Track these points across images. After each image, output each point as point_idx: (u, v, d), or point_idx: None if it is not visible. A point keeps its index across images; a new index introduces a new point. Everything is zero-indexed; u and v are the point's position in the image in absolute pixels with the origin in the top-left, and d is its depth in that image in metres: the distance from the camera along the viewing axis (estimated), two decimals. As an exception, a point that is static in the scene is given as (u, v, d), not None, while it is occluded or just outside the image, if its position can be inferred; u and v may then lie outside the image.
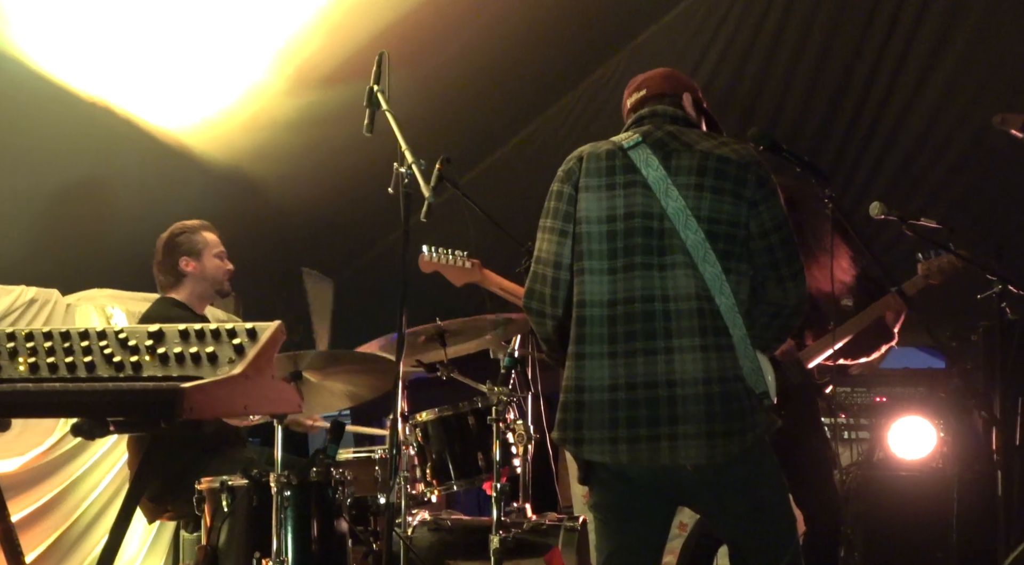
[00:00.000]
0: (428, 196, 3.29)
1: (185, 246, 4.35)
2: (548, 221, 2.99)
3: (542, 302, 2.98)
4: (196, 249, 4.35)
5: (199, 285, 4.36)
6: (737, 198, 2.83)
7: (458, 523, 4.12)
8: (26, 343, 2.40)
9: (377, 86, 3.58)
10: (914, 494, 4.89)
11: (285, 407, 2.45)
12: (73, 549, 4.66)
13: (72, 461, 4.68)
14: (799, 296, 2.90)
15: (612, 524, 2.94)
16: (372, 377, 3.90)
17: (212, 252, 4.39)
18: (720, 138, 2.94)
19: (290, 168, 5.57)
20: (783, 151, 3.31)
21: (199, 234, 4.39)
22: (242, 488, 3.58)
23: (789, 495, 2.97)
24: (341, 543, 3.70)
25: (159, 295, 4.40)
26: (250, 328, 2.36)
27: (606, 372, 2.81)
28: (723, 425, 2.73)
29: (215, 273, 4.39)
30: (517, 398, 4.07)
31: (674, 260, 2.82)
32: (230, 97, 4.88)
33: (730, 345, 2.78)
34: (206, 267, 4.36)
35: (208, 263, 4.37)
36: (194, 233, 4.38)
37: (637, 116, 3.06)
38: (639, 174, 2.88)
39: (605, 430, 2.79)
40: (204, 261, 4.36)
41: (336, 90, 5.03)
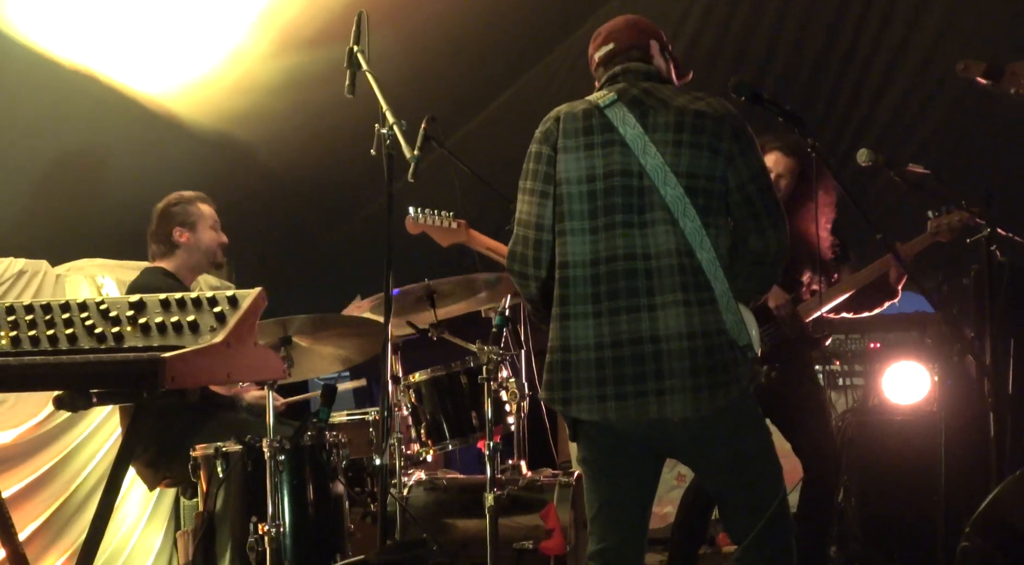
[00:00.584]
0: (410, 157, 3.28)
1: (180, 216, 4.34)
2: (528, 183, 2.99)
3: (524, 264, 3.00)
4: (191, 220, 4.34)
5: (192, 256, 4.35)
6: (714, 152, 2.84)
7: (453, 482, 4.15)
8: (7, 317, 2.38)
9: (357, 47, 3.56)
10: (909, 439, 4.90)
11: (269, 373, 2.45)
12: (70, 521, 4.68)
13: (68, 432, 4.69)
14: (779, 244, 2.91)
15: (600, 478, 2.97)
16: (362, 340, 3.91)
17: (207, 224, 4.38)
18: (694, 93, 2.94)
19: (277, 131, 5.54)
20: (764, 101, 3.29)
21: (195, 205, 4.37)
22: (236, 454, 3.61)
23: (774, 447, 2.98)
24: (337, 505, 3.74)
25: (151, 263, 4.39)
26: (231, 295, 2.35)
27: (591, 331, 2.83)
28: (707, 378, 2.75)
29: (209, 245, 4.38)
30: (509, 356, 4.08)
31: (654, 217, 2.83)
32: (214, 61, 4.84)
33: (712, 299, 2.80)
34: (200, 239, 4.35)
35: (203, 235, 4.36)
36: (190, 204, 4.36)
37: (611, 74, 3.05)
38: (616, 133, 2.88)
39: (593, 388, 2.82)
40: (199, 233, 4.35)
41: (320, 51, 4.98)
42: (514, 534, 3.82)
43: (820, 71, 6.09)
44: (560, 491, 3.94)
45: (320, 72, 5.06)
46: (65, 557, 4.64)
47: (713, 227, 2.83)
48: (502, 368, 3.98)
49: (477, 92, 6.19)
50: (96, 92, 4.60)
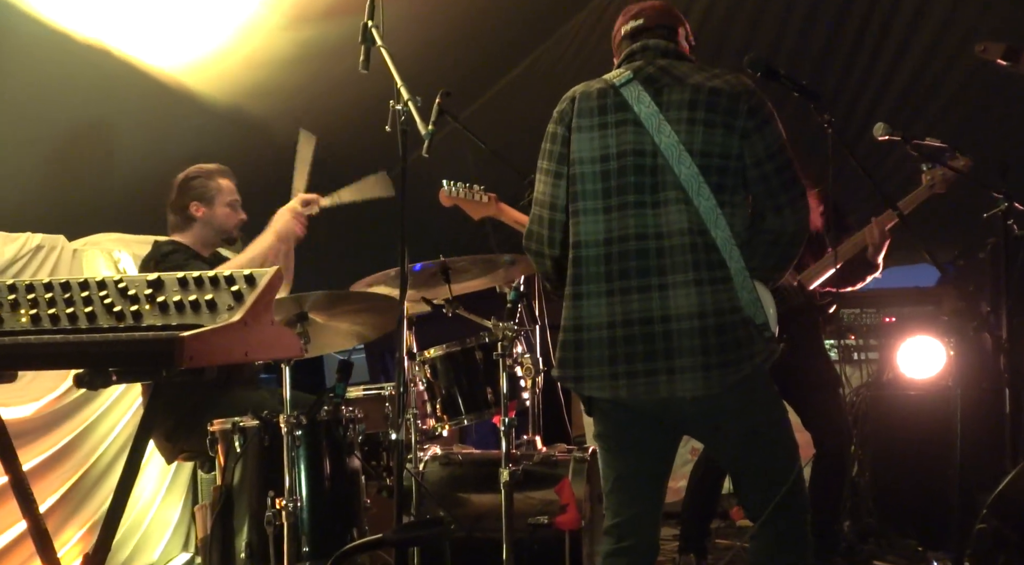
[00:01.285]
0: (424, 133, 3.27)
1: (198, 190, 4.33)
2: (544, 163, 3.02)
3: (540, 243, 3.04)
4: (208, 195, 4.33)
5: (205, 231, 4.35)
6: (729, 129, 2.83)
7: (468, 457, 4.17)
8: (27, 294, 2.40)
9: (371, 21, 3.54)
10: (924, 413, 4.91)
11: (285, 352, 2.46)
12: (89, 495, 4.71)
13: (86, 406, 4.71)
14: (797, 223, 2.90)
15: (615, 452, 3.01)
16: (378, 316, 3.92)
17: (224, 200, 4.36)
18: (712, 70, 2.93)
19: (290, 104, 5.53)
20: (779, 76, 3.28)
21: (214, 180, 4.36)
22: (253, 429, 3.63)
23: (790, 426, 2.99)
24: (353, 479, 3.76)
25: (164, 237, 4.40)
26: (248, 274, 2.36)
27: (603, 310, 2.85)
28: (719, 357, 2.76)
29: (224, 222, 4.36)
30: (524, 331, 4.09)
31: (667, 196, 2.83)
32: (226, 34, 4.83)
33: (726, 277, 2.80)
34: (215, 215, 4.34)
35: (218, 211, 4.34)
36: (209, 178, 4.35)
37: (629, 51, 3.05)
38: (630, 112, 2.88)
39: (604, 366, 2.84)
40: (215, 208, 4.34)
41: (334, 24, 4.97)
42: (529, 509, 3.84)
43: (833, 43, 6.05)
44: (575, 466, 3.95)
45: (333, 46, 5.05)
46: (84, 530, 4.68)
47: (728, 205, 2.83)
48: (517, 343, 3.99)
49: (490, 64, 6.17)
50: (109, 66, 4.58)
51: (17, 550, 4.20)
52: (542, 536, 3.80)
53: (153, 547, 5.16)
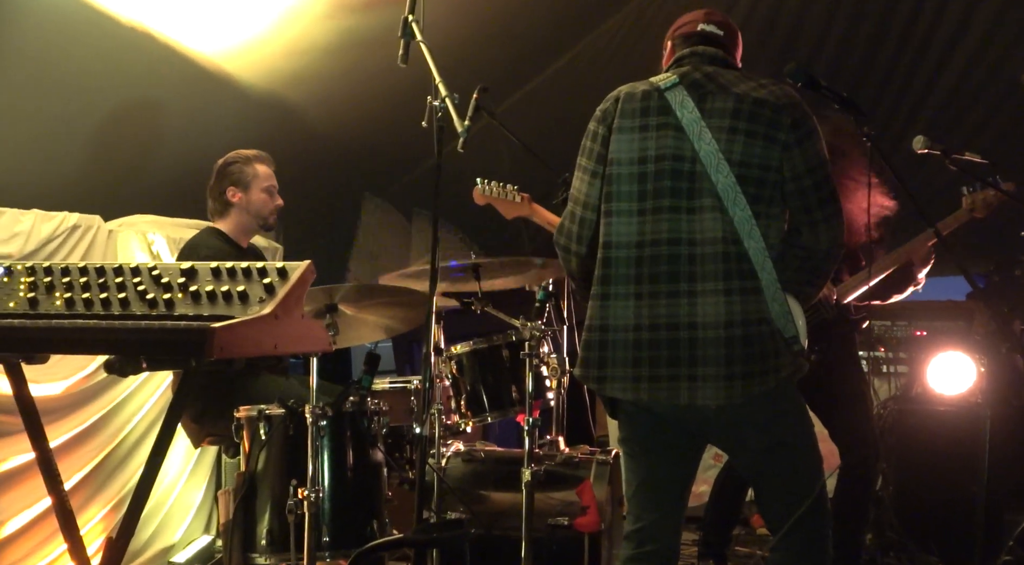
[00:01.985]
0: (461, 131, 3.27)
1: (234, 176, 4.34)
2: (582, 160, 3.02)
3: (569, 239, 3.04)
4: (244, 180, 4.34)
5: (243, 217, 4.36)
6: (770, 141, 2.81)
7: (491, 454, 4.18)
8: (62, 278, 2.42)
9: (412, 16, 3.54)
10: (951, 430, 4.86)
11: (314, 345, 2.47)
12: (114, 474, 4.75)
13: (114, 386, 4.74)
14: (831, 240, 2.88)
15: (639, 458, 2.99)
16: (406, 310, 3.93)
17: (261, 186, 4.37)
18: (760, 79, 2.90)
19: (328, 92, 5.55)
20: (820, 87, 3.24)
21: (251, 165, 4.37)
22: (279, 417, 3.65)
23: (815, 440, 2.96)
24: (375, 471, 3.77)
25: (202, 222, 4.42)
26: (280, 267, 2.37)
27: (631, 312, 2.84)
28: (742, 367, 2.74)
29: (260, 207, 4.37)
30: (551, 331, 4.09)
31: (702, 204, 2.81)
32: (268, 21, 4.84)
33: (757, 288, 2.78)
34: (252, 200, 4.35)
35: (254, 196, 4.35)
36: (246, 164, 4.36)
37: (678, 56, 3.03)
38: (672, 116, 2.86)
39: (628, 368, 2.83)
40: (251, 194, 4.35)
41: (375, 14, 4.97)
42: (549, 509, 3.84)
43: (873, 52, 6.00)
44: (597, 468, 3.95)
45: (373, 35, 5.05)
46: (108, 508, 4.72)
47: (764, 216, 2.81)
48: (543, 343, 3.99)
49: (528, 61, 6.16)
50: (151, 49, 4.61)
51: (41, 526, 4.25)
52: (561, 537, 3.80)
53: (175, 528, 5.20)
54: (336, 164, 6.25)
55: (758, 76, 2.94)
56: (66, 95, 4.56)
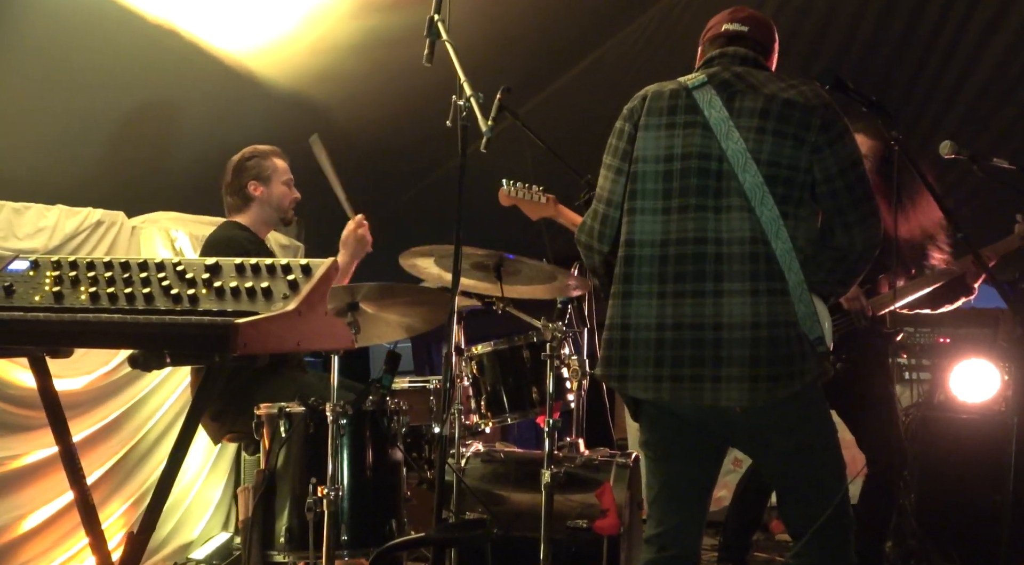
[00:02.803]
0: (486, 131, 3.26)
1: (254, 170, 4.36)
2: (607, 158, 3.01)
3: (590, 236, 3.02)
4: (265, 174, 4.36)
5: (264, 210, 4.38)
6: (799, 142, 2.78)
7: (511, 455, 4.17)
8: (87, 272, 2.43)
9: (437, 16, 3.54)
10: (974, 438, 4.82)
11: (337, 343, 2.46)
12: (134, 470, 4.78)
13: (136, 381, 4.77)
14: (867, 241, 2.85)
15: (661, 461, 2.98)
16: (427, 309, 3.93)
17: (281, 179, 4.39)
18: (790, 80, 2.88)
19: (352, 92, 5.55)
20: (849, 90, 3.22)
21: (269, 159, 4.39)
22: (299, 415, 3.65)
23: (839, 445, 2.94)
24: (395, 471, 3.77)
25: (224, 219, 4.43)
26: (304, 264, 2.37)
27: (654, 311, 2.82)
28: (768, 369, 2.72)
29: (281, 200, 4.40)
30: (572, 333, 4.08)
31: (730, 203, 2.79)
32: (294, 20, 4.85)
33: (784, 290, 2.75)
34: (273, 193, 4.37)
35: (276, 189, 4.37)
36: (264, 158, 4.39)
37: (708, 57, 3.01)
38: (700, 115, 2.84)
39: (650, 367, 2.81)
40: (272, 187, 4.37)
41: (400, 13, 4.97)
42: (569, 511, 3.83)
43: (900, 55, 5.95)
44: (617, 471, 3.93)
45: (398, 35, 5.06)
46: (129, 503, 4.74)
47: (792, 217, 2.78)
48: (564, 345, 3.98)
49: (551, 62, 6.15)
50: (177, 47, 4.63)
51: (62, 521, 4.28)
52: (580, 539, 3.79)
53: (194, 525, 5.22)
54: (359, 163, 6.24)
55: (788, 77, 2.92)
56: (91, 92, 4.58)
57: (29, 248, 4.21)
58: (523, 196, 4.01)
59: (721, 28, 3.05)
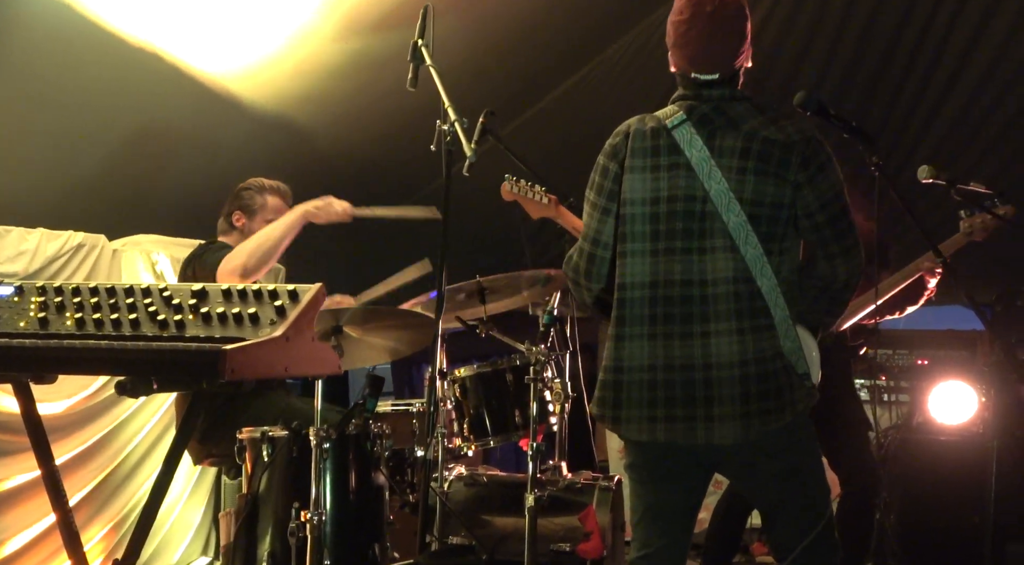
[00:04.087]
0: (470, 156, 3.29)
1: (244, 201, 4.36)
2: (592, 195, 3.01)
3: (576, 273, 3.04)
4: (252, 208, 4.35)
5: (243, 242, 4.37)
6: (781, 180, 2.80)
7: (494, 479, 4.17)
8: (73, 298, 2.43)
9: (421, 40, 3.57)
10: (953, 459, 4.86)
11: (324, 368, 2.47)
12: (115, 494, 4.75)
13: (116, 405, 4.75)
14: (849, 272, 2.88)
15: (647, 484, 2.98)
16: (411, 332, 3.93)
17: (265, 217, 4.35)
18: (768, 114, 2.87)
19: (335, 115, 5.56)
20: (830, 116, 3.25)
21: (262, 195, 4.37)
22: (282, 439, 3.64)
23: (823, 467, 2.97)
24: (378, 495, 3.76)
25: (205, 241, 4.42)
26: (291, 289, 2.38)
27: (645, 352, 2.85)
28: (759, 404, 2.75)
29: None
30: (555, 356, 4.09)
31: (714, 244, 2.81)
32: (277, 42, 4.86)
33: (770, 325, 2.79)
34: (252, 229, 4.34)
35: (256, 226, 4.33)
36: (258, 192, 4.37)
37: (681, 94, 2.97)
38: (682, 155, 2.85)
39: (644, 409, 2.84)
40: (254, 222, 4.35)
41: (384, 36, 4.99)
42: (552, 535, 3.83)
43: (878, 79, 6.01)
44: (600, 494, 3.94)
45: (382, 58, 5.07)
46: (108, 527, 4.71)
47: (776, 253, 2.81)
48: (548, 367, 3.99)
49: (534, 83, 6.18)
50: (159, 69, 4.63)
51: (42, 545, 4.25)
52: (564, 562, 3.79)
53: (174, 549, 5.18)
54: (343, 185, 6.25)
55: (769, 108, 2.92)
56: (72, 114, 4.57)
57: (10, 271, 4.19)
58: (525, 193, 4.00)
59: (690, 75, 2.93)
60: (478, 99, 4.10)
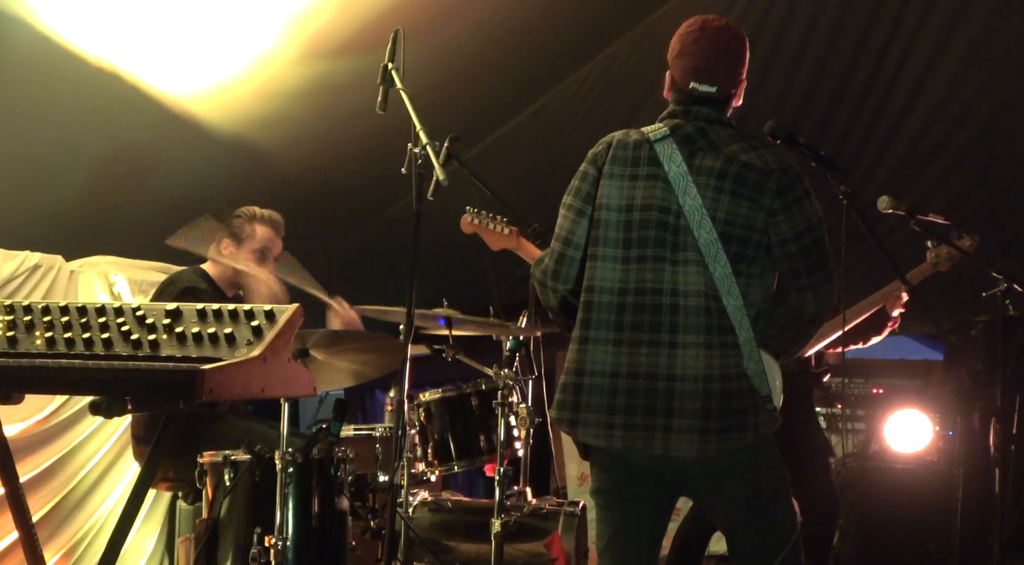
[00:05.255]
0: (443, 179, 3.27)
1: (233, 228, 4.34)
2: (568, 198, 3.02)
3: (545, 275, 3.04)
4: (240, 236, 4.33)
5: (227, 270, 4.33)
6: (755, 204, 2.83)
7: (458, 504, 4.14)
8: (42, 317, 2.38)
9: (392, 64, 3.56)
10: (910, 487, 4.93)
11: (300, 390, 2.45)
12: (71, 516, 4.67)
13: (71, 428, 4.67)
14: (819, 305, 2.91)
15: (613, 509, 2.98)
16: (378, 356, 3.90)
17: (252, 247, 4.33)
18: (750, 140, 2.91)
19: (297, 137, 5.53)
20: (800, 145, 3.30)
21: (251, 224, 4.35)
22: (244, 463, 3.59)
23: (790, 490, 2.98)
24: (341, 520, 3.73)
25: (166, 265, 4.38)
26: (268, 310, 2.35)
27: (609, 358, 2.84)
28: (719, 422, 2.76)
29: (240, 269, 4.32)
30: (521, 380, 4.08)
31: (686, 257, 2.83)
32: (240, 64, 4.83)
33: (736, 344, 2.80)
34: (240, 258, 4.31)
35: (243, 256, 4.31)
36: (248, 221, 4.35)
37: (672, 110, 3.02)
38: (661, 169, 2.88)
39: (602, 414, 2.83)
40: (241, 252, 4.31)
41: (348, 60, 4.98)
42: (517, 561, 3.82)
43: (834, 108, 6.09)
44: (565, 520, 3.93)
45: (345, 81, 5.07)
46: (61, 554, 4.62)
47: (745, 275, 2.83)
48: (513, 392, 3.98)
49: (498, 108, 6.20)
50: (119, 90, 4.58)
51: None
52: (529, 589, 3.77)
53: (127, 576, 5.09)
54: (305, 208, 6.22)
55: (751, 136, 2.95)
56: (29, 134, 4.51)
57: (-33, 293, 4.12)
58: (485, 225, 4.00)
59: (688, 85, 2.98)
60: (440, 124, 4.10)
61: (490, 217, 4.00)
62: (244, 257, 4.30)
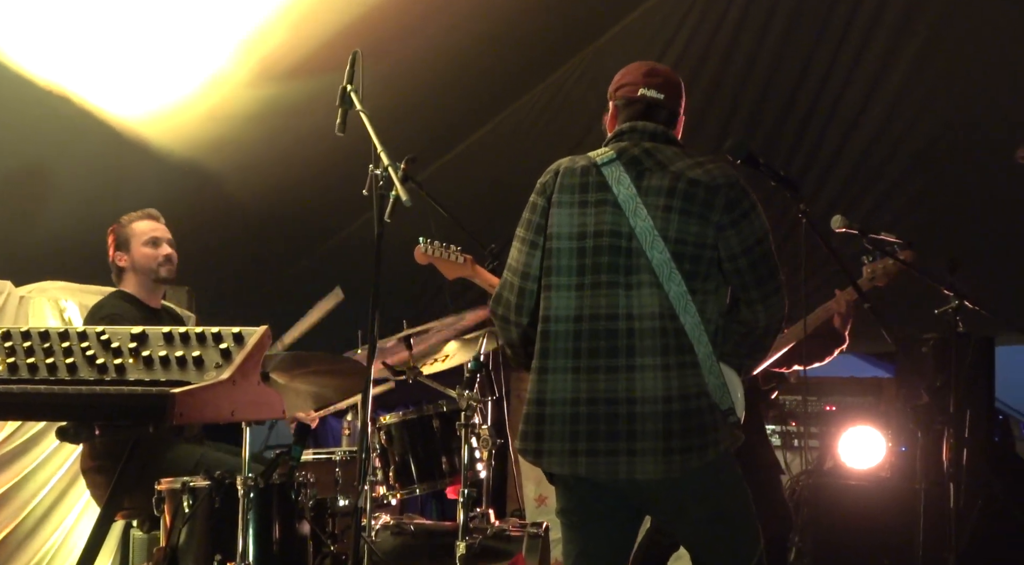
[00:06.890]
0: (405, 200, 3.25)
1: (118, 241, 4.27)
2: (521, 231, 3.02)
3: (507, 309, 3.02)
4: (125, 242, 4.26)
5: (137, 277, 4.25)
6: (704, 220, 2.84)
7: (421, 527, 4.10)
8: (3, 342, 2.33)
9: (350, 86, 3.55)
10: (865, 503, 4.97)
11: (270, 412, 2.42)
12: (23, 545, 4.58)
13: (22, 456, 4.58)
14: (770, 318, 2.93)
15: (578, 528, 2.98)
16: (339, 379, 3.86)
17: (140, 241, 4.25)
18: (696, 157, 2.93)
19: (248, 159, 5.50)
20: (759, 164, 3.33)
21: (128, 226, 4.28)
22: (203, 489, 3.53)
23: (752, 507, 2.99)
24: (302, 545, 3.68)
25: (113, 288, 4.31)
26: (236, 332, 2.33)
27: (569, 386, 2.84)
28: (681, 442, 2.76)
29: (145, 262, 4.23)
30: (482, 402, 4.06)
31: (640, 279, 2.84)
32: (190, 87, 4.81)
33: (694, 362, 2.81)
34: (135, 258, 4.24)
35: (136, 254, 4.24)
36: (124, 226, 4.28)
37: (618, 131, 3.03)
38: (610, 192, 2.89)
39: (565, 443, 2.83)
40: (133, 253, 4.24)
41: (300, 83, 4.97)
42: (482, 583, 3.79)
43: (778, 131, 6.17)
44: (529, 542, 3.91)
45: (296, 104, 5.05)
46: (14, 583, 4.52)
47: (700, 292, 2.84)
48: (475, 414, 3.96)
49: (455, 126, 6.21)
50: (67, 112, 4.54)
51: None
52: (494, 611, 3.75)
53: (76, 608, 4.97)
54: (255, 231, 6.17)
55: (697, 153, 2.97)
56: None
57: (-88, 318, 4.02)
58: (440, 255, 3.99)
59: (637, 93, 3.04)
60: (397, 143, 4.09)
61: (444, 247, 3.99)
62: (136, 255, 4.22)
